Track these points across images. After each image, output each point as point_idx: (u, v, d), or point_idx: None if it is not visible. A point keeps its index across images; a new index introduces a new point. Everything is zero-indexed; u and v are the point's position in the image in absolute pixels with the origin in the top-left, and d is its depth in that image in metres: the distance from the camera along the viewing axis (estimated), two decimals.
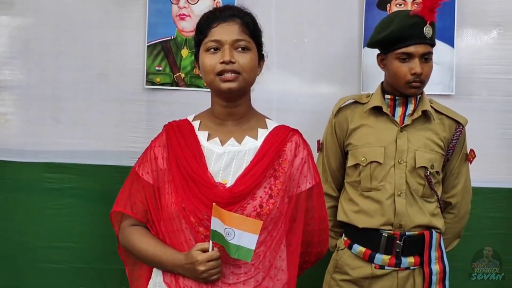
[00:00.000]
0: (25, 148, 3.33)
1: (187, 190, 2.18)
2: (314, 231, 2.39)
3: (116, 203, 2.33)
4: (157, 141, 2.33)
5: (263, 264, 2.20)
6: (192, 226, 2.16)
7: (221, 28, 2.20)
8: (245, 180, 2.18)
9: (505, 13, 3.20)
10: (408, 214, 2.72)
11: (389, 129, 2.78)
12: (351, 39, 3.24)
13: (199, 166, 2.20)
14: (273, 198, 2.19)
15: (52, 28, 3.30)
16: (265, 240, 2.19)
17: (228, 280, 2.17)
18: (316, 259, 2.47)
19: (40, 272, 3.36)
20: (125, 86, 3.30)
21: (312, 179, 2.33)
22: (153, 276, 2.30)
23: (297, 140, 2.31)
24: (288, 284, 2.27)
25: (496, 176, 3.21)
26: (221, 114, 2.29)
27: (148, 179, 2.29)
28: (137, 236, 2.28)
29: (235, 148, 2.25)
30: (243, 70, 2.16)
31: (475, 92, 3.23)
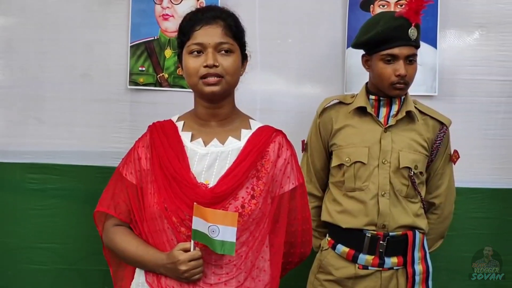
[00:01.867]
0: (8, 149, 3.30)
1: (169, 190, 2.18)
2: (297, 231, 2.39)
3: (100, 203, 2.32)
4: (141, 141, 2.33)
5: (245, 265, 2.20)
6: (174, 226, 2.17)
7: (204, 31, 2.20)
8: (227, 180, 2.18)
9: (487, 14, 3.21)
10: (391, 214, 2.73)
11: (373, 130, 2.78)
12: (335, 39, 3.24)
13: (181, 167, 2.20)
14: (255, 199, 2.19)
15: (35, 28, 3.28)
16: (247, 240, 2.19)
17: (210, 281, 2.17)
18: (299, 260, 2.47)
19: (22, 273, 3.34)
20: (109, 86, 3.28)
21: (295, 179, 2.33)
22: (136, 276, 2.30)
23: (280, 141, 2.31)
24: (270, 284, 2.27)
25: (478, 176, 3.23)
26: (204, 115, 2.29)
27: (132, 180, 2.28)
28: (120, 236, 2.27)
29: (218, 149, 2.25)
30: (226, 73, 2.17)
31: (458, 93, 3.24)
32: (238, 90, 2.32)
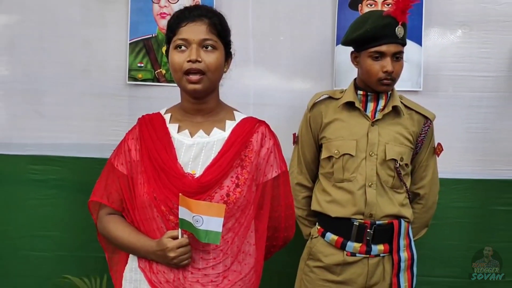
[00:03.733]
0: (10, 141, 3.33)
1: (158, 181, 2.21)
2: (280, 217, 2.43)
3: (94, 193, 2.36)
4: (130, 133, 2.36)
5: (231, 250, 2.23)
6: (163, 214, 2.20)
7: (189, 28, 2.21)
8: (212, 170, 2.21)
9: (470, 13, 3.23)
10: (378, 204, 2.75)
11: (361, 124, 2.80)
12: (325, 37, 3.25)
13: (169, 158, 2.23)
14: (239, 187, 2.23)
15: (36, 25, 3.29)
16: (233, 226, 2.23)
17: (198, 265, 2.20)
18: (283, 243, 2.51)
19: (24, 260, 3.36)
20: (108, 82, 3.30)
21: (278, 168, 2.37)
22: (129, 261, 2.34)
23: (263, 131, 2.34)
24: (256, 267, 2.31)
25: (461, 168, 3.26)
26: (190, 109, 2.32)
27: (123, 170, 2.31)
28: (113, 224, 2.31)
29: (204, 140, 2.28)
30: (208, 70, 2.19)
31: (442, 88, 3.26)
32: (233, 85, 2.34)
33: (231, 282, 2.23)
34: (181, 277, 2.19)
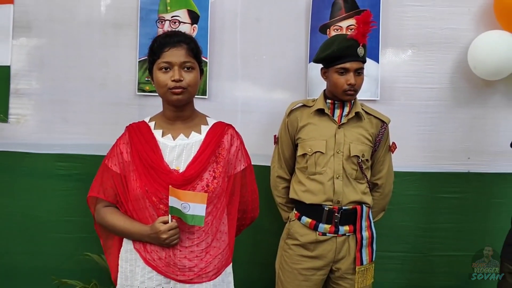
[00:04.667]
0: (40, 142, 3.30)
1: (149, 177, 2.25)
2: (247, 201, 2.50)
3: (91, 190, 2.39)
4: (121, 139, 2.40)
5: (211, 230, 2.28)
6: (154, 204, 2.24)
7: (171, 52, 2.26)
8: (193, 166, 2.27)
9: (418, 36, 3.25)
10: (344, 192, 2.76)
11: (329, 127, 2.81)
12: (299, 56, 3.25)
13: (156, 157, 2.28)
14: (216, 179, 2.28)
15: (62, 47, 3.28)
16: (211, 211, 2.28)
17: (185, 244, 2.25)
18: (250, 222, 2.59)
19: (52, 240, 3.35)
20: (121, 93, 3.28)
21: (244, 162, 2.44)
22: (124, 244, 2.36)
23: (232, 133, 2.41)
24: (229, 243, 2.37)
25: (411, 163, 3.26)
26: (171, 117, 2.36)
27: (116, 170, 2.34)
28: (110, 214, 2.34)
29: (184, 142, 2.33)
30: (188, 85, 2.25)
31: (395, 98, 3.26)
32: (225, 96, 2.37)
33: (212, 256, 2.28)
34: (172, 254, 2.23)
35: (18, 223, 3.33)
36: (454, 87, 3.25)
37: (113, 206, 2.36)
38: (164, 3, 3.20)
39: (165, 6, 3.20)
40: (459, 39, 3.20)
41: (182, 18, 3.20)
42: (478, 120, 3.26)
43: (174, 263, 2.22)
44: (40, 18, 3.25)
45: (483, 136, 3.26)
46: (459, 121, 3.27)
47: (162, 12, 3.21)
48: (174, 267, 2.22)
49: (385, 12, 3.19)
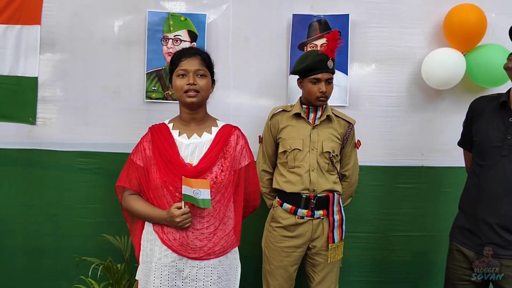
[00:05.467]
0: (63, 142, 3.29)
1: (167, 169, 2.28)
2: (250, 192, 2.51)
3: (119, 180, 2.43)
4: (145, 137, 2.42)
5: (218, 215, 2.30)
6: (171, 192, 2.27)
7: (187, 61, 2.30)
8: (205, 161, 2.29)
9: (380, 53, 3.26)
10: (318, 182, 2.78)
11: (305, 128, 2.83)
12: (281, 69, 3.26)
13: (173, 153, 2.30)
14: (224, 172, 2.31)
15: (81, 61, 3.27)
16: (219, 199, 2.30)
17: (196, 227, 2.27)
18: (252, 210, 2.60)
19: (75, 224, 3.34)
20: (132, 100, 3.28)
21: (248, 158, 2.46)
22: (146, 227, 2.39)
23: (237, 134, 2.43)
24: (235, 227, 2.38)
25: (374, 158, 3.27)
26: (186, 119, 2.39)
27: (140, 163, 2.37)
28: (134, 201, 2.37)
29: (197, 140, 2.35)
30: (201, 89, 2.28)
31: (361, 104, 3.27)
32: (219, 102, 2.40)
33: (219, 237, 2.29)
34: (185, 236, 2.25)
35: (46, 209, 3.32)
36: (410, 95, 3.27)
37: (137, 194, 2.38)
38: (168, 24, 3.20)
39: (169, 27, 3.20)
40: (414, 55, 3.22)
41: (183, 37, 3.21)
42: (430, 122, 3.28)
43: (187, 243, 2.25)
44: (63, 37, 3.24)
45: (434, 136, 3.28)
46: (414, 124, 3.29)
47: (166, 32, 3.21)
48: (187, 246, 2.25)
49: (353, 33, 3.20)
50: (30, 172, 3.31)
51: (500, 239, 2.38)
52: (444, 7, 3.12)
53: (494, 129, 2.43)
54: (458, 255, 2.54)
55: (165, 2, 3.23)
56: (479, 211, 2.44)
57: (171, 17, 3.20)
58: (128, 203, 2.38)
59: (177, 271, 2.27)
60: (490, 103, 2.52)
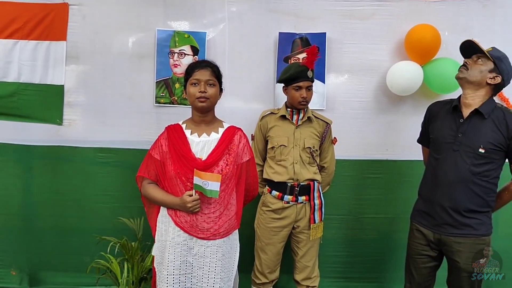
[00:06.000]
0: (86, 139, 3.27)
1: (180, 163, 2.27)
2: (250, 183, 2.51)
3: (139, 171, 2.41)
4: (162, 135, 2.41)
5: (223, 202, 2.30)
6: (183, 182, 2.27)
7: (199, 72, 2.30)
8: (212, 156, 2.29)
9: (352, 65, 3.25)
10: (301, 173, 2.79)
11: (290, 127, 2.84)
12: (269, 78, 3.25)
13: (186, 149, 2.30)
14: (228, 166, 2.30)
15: (101, 72, 3.25)
16: (224, 189, 2.29)
17: (204, 211, 2.27)
18: (251, 199, 2.59)
19: (95, 209, 3.33)
20: (144, 104, 3.26)
21: (249, 155, 2.44)
22: (161, 211, 2.39)
23: (240, 134, 2.42)
24: (237, 213, 2.38)
25: (348, 153, 3.25)
26: (197, 120, 2.38)
27: (157, 157, 2.36)
28: (152, 189, 2.36)
29: (206, 139, 2.34)
30: (210, 97, 2.29)
31: (336, 107, 3.26)
32: (218, 107, 2.38)
33: (223, 221, 2.31)
34: (194, 219, 2.27)
35: (71, 196, 3.31)
36: (377, 100, 3.26)
37: (155, 183, 2.38)
38: (174, 40, 3.19)
39: (175, 43, 3.19)
40: (380, 67, 3.21)
41: (187, 51, 3.19)
42: (393, 123, 3.28)
43: (196, 225, 2.26)
44: (85, 51, 3.22)
45: (397, 134, 3.28)
46: (380, 124, 3.29)
47: (172, 47, 3.19)
48: (196, 228, 2.26)
49: (329, 48, 3.20)
50: (57, 165, 3.30)
51: (452, 220, 2.40)
52: (405, 26, 3.13)
53: (448, 128, 2.45)
54: (417, 233, 2.56)
55: (172, 22, 3.21)
56: (435, 197, 2.46)
57: (177, 34, 3.18)
58: (146, 191, 2.38)
59: (188, 249, 2.29)
60: (444, 106, 2.55)
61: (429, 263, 2.55)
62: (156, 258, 2.40)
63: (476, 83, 2.37)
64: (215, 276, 2.29)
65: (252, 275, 2.97)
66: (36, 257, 3.38)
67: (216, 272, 2.29)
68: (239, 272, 2.50)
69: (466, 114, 2.39)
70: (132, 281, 2.95)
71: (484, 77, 2.35)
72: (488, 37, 2.95)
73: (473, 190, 2.36)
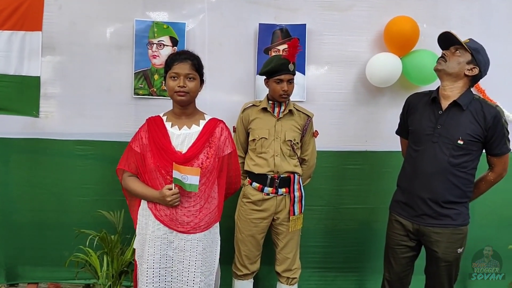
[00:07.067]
0: (63, 132, 3.19)
1: (160, 156, 2.24)
2: (232, 176, 2.48)
3: (119, 164, 2.38)
4: (142, 128, 2.37)
5: (204, 195, 2.27)
6: (163, 175, 2.24)
7: (179, 66, 2.25)
8: (192, 149, 2.25)
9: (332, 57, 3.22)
10: (281, 165, 2.78)
11: (271, 120, 2.82)
12: (250, 70, 3.21)
13: (166, 142, 2.26)
14: (209, 159, 2.27)
15: (79, 62, 3.17)
16: (205, 182, 2.26)
17: (184, 205, 2.24)
18: (233, 191, 2.57)
19: (74, 202, 3.26)
20: (122, 96, 3.18)
21: (230, 147, 2.41)
22: (141, 204, 2.36)
23: (222, 126, 2.38)
24: (218, 206, 2.36)
25: (328, 144, 3.22)
26: (178, 113, 2.34)
27: (137, 150, 2.32)
28: (132, 182, 2.33)
29: (187, 131, 2.31)
30: (190, 91, 2.25)
31: (316, 99, 3.23)
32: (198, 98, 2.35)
33: (204, 214, 2.28)
34: (174, 212, 2.24)
35: (49, 189, 3.24)
36: (356, 92, 3.25)
37: (135, 176, 2.34)
38: (153, 31, 3.12)
39: (153, 33, 3.13)
40: (360, 59, 3.20)
41: (166, 42, 3.14)
42: (372, 114, 3.28)
43: (176, 218, 2.23)
44: (62, 41, 3.14)
45: (376, 126, 3.28)
46: (359, 115, 3.28)
47: (151, 38, 3.13)
48: (176, 221, 2.23)
49: (309, 40, 3.17)
50: (35, 158, 3.22)
51: (431, 211, 2.41)
52: (385, 18, 3.12)
53: (427, 120, 2.45)
54: (396, 224, 2.57)
55: (150, 12, 3.15)
56: (415, 188, 2.46)
57: (155, 25, 3.12)
58: (126, 183, 2.34)
59: (168, 243, 2.26)
60: (423, 98, 2.54)
61: (407, 253, 2.56)
62: (137, 251, 2.37)
63: (455, 74, 2.37)
64: (196, 270, 2.27)
65: (233, 266, 2.95)
66: (13, 251, 3.30)
67: (196, 266, 2.27)
68: (220, 264, 2.48)
69: (445, 106, 2.40)
70: (112, 274, 2.92)
71: (462, 68, 2.36)
72: (465, 29, 2.95)
73: (452, 181, 2.37)
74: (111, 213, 3.07)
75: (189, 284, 2.26)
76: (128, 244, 3.00)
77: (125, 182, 2.36)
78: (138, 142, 2.33)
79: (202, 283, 2.28)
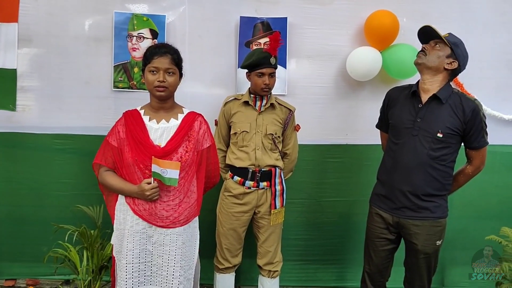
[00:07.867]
0: (41, 125, 3.14)
1: (138, 150, 2.21)
2: (211, 170, 2.45)
3: (96, 158, 2.33)
4: (119, 122, 2.33)
5: (183, 189, 2.24)
6: (141, 170, 2.21)
7: (158, 60, 2.21)
8: (171, 143, 2.22)
9: (313, 50, 3.21)
10: (262, 159, 2.76)
11: (253, 113, 2.80)
12: (231, 63, 3.18)
13: (144, 136, 2.23)
14: (188, 153, 2.24)
15: (56, 55, 3.10)
16: (184, 176, 2.23)
17: (163, 199, 2.22)
18: (212, 185, 2.54)
19: (52, 197, 3.22)
20: (101, 89, 3.13)
21: (209, 141, 2.38)
22: (119, 199, 2.32)
23: (200, 120, 2.35)
24: (197, 200, 2.33)
25: (309, 138, 3.21)
26: (156, 107, 2.31)
27: (114, 144, 2.28)
28: (109, 176, 2.28)
29: (165, 125, 2.28)
30: (169, 85, 2.22)
31: (298, 93, 3.22)
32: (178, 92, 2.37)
33: (183, 208, 2.25)
34: (153, 207, 2.20)
35: (27, 184, 3.19)
36: (337, 85, 3.25)
37: (112, 171, 2.29)
38: (132, 23, 3.06)
39: (133, 26, 3.07)
40: (340, 53, 3.19)
41: (146, 34, 3.08)
42: (353, 108, 3.28)
43: (155, 213, 2.20)
44: (38, 33, 3.06)
45: (356, 119, 3.28)
46: (340, 109, 3.27)
47: (130, 30, 3.07)
48: (155, 216, 2.20)
49: (291, 33, 3.15)
50: (12, 153, 3.15)
51: (411, 204, 2.41)
52: (365, 12, 3.11)
53: (407, 114, 2.45)
54: (376, 217, 2.57)
55: (130, 4, 3.09)
56: (395, 181, 2.46)
57: (135, 17, 3.06)
58: (103, 178, 2.29)
59: (147, 237, 2.23)
60: (403, 92, 2.54)
61: (387, 245, 2.56)
62: (115, 247, 2.32)
63: (434, 68, 2.37)
64: (175, 264, 2.25)
65: (215, 260, 2.93)
66: None
67: (176, 260, 2.25)
68: (201, 258, 2.47)
69: (425, 99, 2.40)
70: (92, 270, 2.86)
71: (442, 62, 2.36)
72: (445, 24, 2.94)
73: (431, 174, 2.38)
74: (91, 207, 3.02)
75: (169, 278, 2.24)
76: (108, 239, 2.90)
77: (101, 177, 2.31)
78: (115, 136, 2.29)
79: (182, 277, 2.26)
